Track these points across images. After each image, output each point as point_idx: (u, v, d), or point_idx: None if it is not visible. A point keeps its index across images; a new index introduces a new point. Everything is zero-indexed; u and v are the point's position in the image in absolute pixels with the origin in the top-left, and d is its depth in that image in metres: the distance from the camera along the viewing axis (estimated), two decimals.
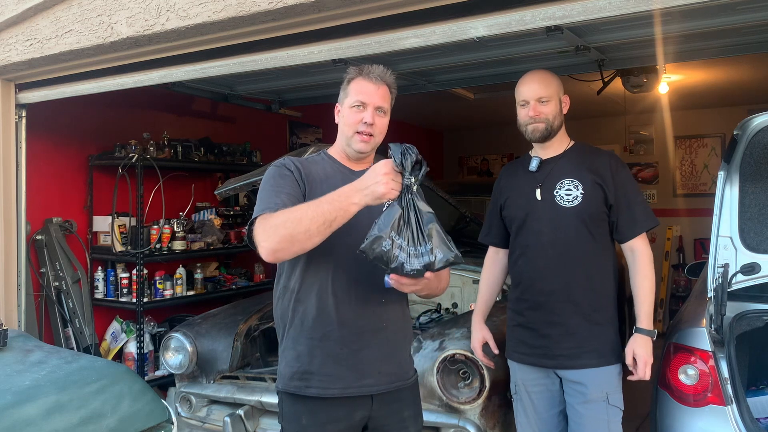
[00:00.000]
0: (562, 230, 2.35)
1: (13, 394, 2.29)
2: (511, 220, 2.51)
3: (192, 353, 3.29)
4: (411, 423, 2.04)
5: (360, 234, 1.77)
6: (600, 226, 2.37)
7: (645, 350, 2.28)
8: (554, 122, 2.39)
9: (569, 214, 2.34)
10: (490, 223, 2.66)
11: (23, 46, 3.47)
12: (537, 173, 2.44)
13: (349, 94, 2.00)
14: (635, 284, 2.36)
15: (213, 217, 5.10)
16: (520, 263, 2.47)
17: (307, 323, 1.91)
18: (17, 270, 3.92)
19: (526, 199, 2.44)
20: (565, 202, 2.35)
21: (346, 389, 1.90)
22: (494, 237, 2.64)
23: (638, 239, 2.37)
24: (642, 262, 2.35)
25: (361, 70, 2.01)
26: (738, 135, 2.53)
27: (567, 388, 2.39)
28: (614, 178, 2.36)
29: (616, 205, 2.35)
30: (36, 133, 4.07)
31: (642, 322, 2.31)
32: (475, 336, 2.62)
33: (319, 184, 1.92)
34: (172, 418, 2.62)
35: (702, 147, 7.77)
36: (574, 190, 2.35)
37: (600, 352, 2.33)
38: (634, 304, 2.36)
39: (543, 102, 2.36)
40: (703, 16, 2.83)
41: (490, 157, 9.35)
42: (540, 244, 2.39)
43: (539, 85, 2.38)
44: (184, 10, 2.87)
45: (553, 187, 2.38)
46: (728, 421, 2.23)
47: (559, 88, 2.43)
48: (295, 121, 6.29)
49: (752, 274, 2.56)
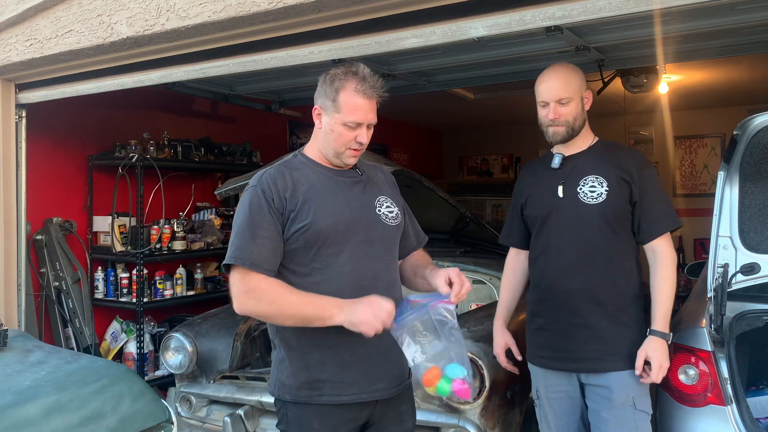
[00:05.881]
0: (585, 228, 2.27)
1: (13, 394, 2.28)
2: (532, 218, 2.42)
3: (192, 353, 3.29)
4: (408, 417, 2.05)
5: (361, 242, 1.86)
6: (624, 224, 2.28)
7: (659, 353, 2.18)
8: (575, 123, 2.29)
9: (593, 211, 2.25)
10: (510, 223, 2.56)
11: (23, 46, 3.47)
12: (559, 170, 2.34)
13: (342, 110, 1.87)
14: (654, 285, 2.26)
15: (213, 217, 5.11)
16: (540, 262, 2.38)
17: (314, 333, 1.86)
18: (17, 270, 3.92)
19: (548, 196, 2.35)
20: (588, 199, 2.26)
21: (359, 395, 1.89)
22: (515, 238, 2.55)
23: (661, 239, 2.28)
24: (663, 263, 2.26)
25: (354, 80, 1.87)
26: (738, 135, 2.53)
27: (590, 394, 2.29)
28: (640, 175, 2.27)
29: (640, 203, 2.26)
30: (36, 133, 4.07)
31: (657, 324, 2.22)
32: (497, 342, 2.54)
33: (306, 194, 1.88)
34: (172, 418, 2.62)
35: (702, 147, 7.77)
36: (599, 187, 2.26)
37: (626, 354, 2.22)
38: (652, 305, 2.26)
39: (563, 103, 2.26)
40: (703, 16, 2.84)
41: (490, 157, 9.35)
42: (562, 243, 2.31)
43: (559, 85, 2.27)
44: (184, 10, 2.87)
45: (576, 184, 2.29)
46: (728, 421, 2.23)
47: (581, 85, 2.31)
48: (295, 121, 6.29)
49: (752, 274, 2.56)
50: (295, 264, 1.88)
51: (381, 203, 2.00)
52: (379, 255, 1.95)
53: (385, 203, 2.01)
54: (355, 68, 1.90)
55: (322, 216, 1.86)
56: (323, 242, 1.86)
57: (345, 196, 1.94)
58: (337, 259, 1.88)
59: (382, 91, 1.90)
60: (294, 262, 1.88)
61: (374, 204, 1.98)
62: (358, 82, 1.87)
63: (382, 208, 1.99)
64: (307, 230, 1.85)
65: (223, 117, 5.59)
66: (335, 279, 1.86)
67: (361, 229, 1.91)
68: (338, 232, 1.87)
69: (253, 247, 1.81)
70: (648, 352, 2.18)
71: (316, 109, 1.95)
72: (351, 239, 1.89)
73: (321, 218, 1.86)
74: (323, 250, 1.87)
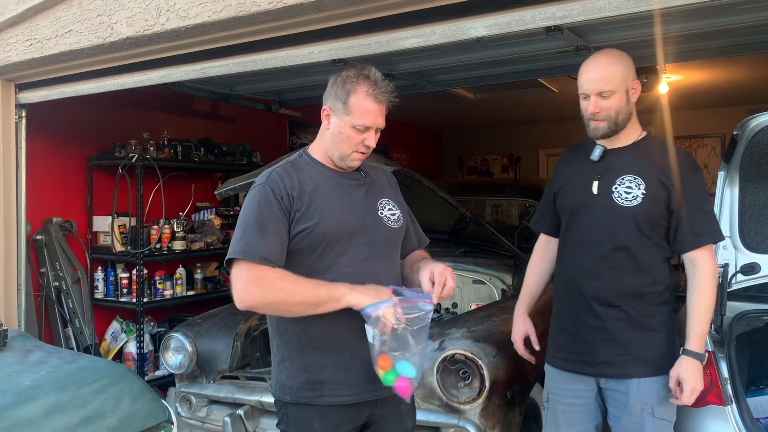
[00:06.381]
0: (615, 230, 2.13)
1: (13, 394, 2.28)
2: (562, 209, 2.29)
3: (192, 353, 3.29)
4: (408, 417, 2.05)
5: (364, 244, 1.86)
6: (657, 230, 2.13)
7: (692, 375, 2.04)
8: (618, 117, 2.12)
9: (625, 214, 2.11)
10: (543, 209, 2.43)
11: (23, 46, 3.47)
12: (598, 163, 2.19)
13: (352, 113, 1.86)
14: (691, 301, 2.10)
15: (213, 217, 5.11)
16: (565, 259, 2.27)
17: (314, 334, 1.88)
18: (17, 270, 3.92)
19: (581, 190, 2.21)
20: (623, 200, 2.12)
21: (359, 395, 1.89)
22: (546, 225, 2.42)
23: (701, 251, 2.11)
24: (703, 277, 2.10)
25: (366, 83, 1.87)
26: (738, 135, 2.54)
27: (608, 398, 2.20)
28: (683, 180, 2.10)
29: (679, 210, 2.10)
30: (36, 133, 4.07)
31: (692, 344, 2.07)
32: (517, 329, 2.43)
33: (311, 195, 1.88)
34: (172, 418, 2.62)
35: (702, 147, 7.77)
36: (635, 189, 2.11)
37: (648, 360, 2.12)
38: (687, 321, 2.11)
39: (605, 96, 2.08)
40: (703, 16, 2.84)
41: (490, 157, 9.36)
42: (588, 242, 2.18)
43: (602, 76, 2.09)
44: (184, 10, 2.87)
45: (612, 182, 2.15)
46: (728, 421, 2.23)
47: (626, 75, 2.12)
48: (295, 121, 6.30)
49: (752, 274, 2.56)
50: (297, 265, 1.87)
51: (383, 206, 2.00)
52: (381, 257, 1.95)
53: (387, 206, 2.01)
54: (367, 71, 1.90)
55: (328, 218, 1.87)
56: (327, 244, 1.87)
57: (349, 198, 1.94)
58: (340, 260, 1.88)
59: (392, 96, 1.90)
60: (296, 262, 1.87)
61: (377, 207, 1.99)
62: (370, 86, 1.87)
63: (384, 211, 2.00)
64: (312, 231, 1.85)
65: (223, 117, 5.59)
66: (337, 280, 1.85)
67: (365, 232, 1.92)
68: (342, 234, 1.88)
69: (262, 242, 1.80)
70: (680, 373, 2.06)
71: (325, 109, 1.94)
72: (354, 241, 1.89)
73: (326, 220, 1.86)
74: (327, 252, 1.87)
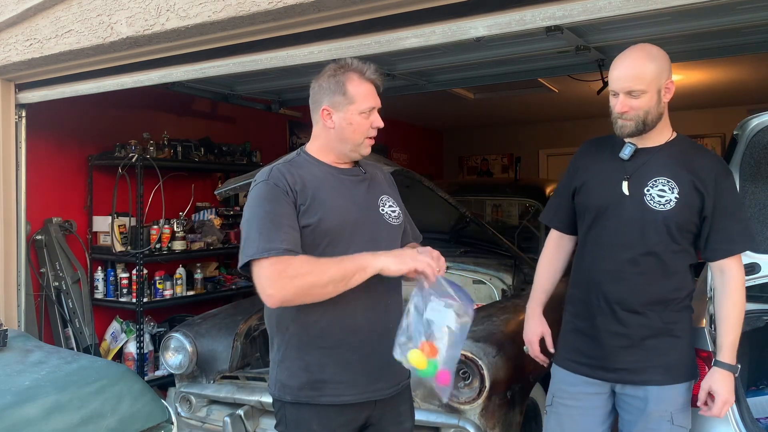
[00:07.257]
0: (645, 234, 2.04)
1: (13, 394, 2.28)
2: (584, 208, 2.18)
3: (192, 353, 3.29)
4: (407, 417, 2.05)
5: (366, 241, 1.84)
6: (686, 236, 2.06)
7: (724, 388, 1.99)
8: (647, 117, 2.02)
9: (657, 218, 2.02)
10: (558, 203, 2.31)
11: (23, 46, 3.47)
12: (628, 162, 2.09)
13: (356, 100, 1.89)
14: (721, 311, 2.06)
15: (213, 217, 5.11)
16: (587, 261, 2.17)
17: (315, 332, 1.86)
18: (17, 270, 3.93)
19: (609, 189, 2.10)
20: (655, 204, 2.03)
21: (360, 395, 1.89)
22: (560, 222, 2.31)
23: (731, 260, 2.06)
24: (733, 286, 2.06)
25: (353, 70, 1.92)
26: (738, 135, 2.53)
27: (623, 404, 2.12)
28: (716, 185, 2.02)
29: (711, 217, 2.03)
30: (36, 133, 4.07)
31: (724, 356, 2.02)
32: (533, 329, 2.31)
33: (314, 191, 1.87)
34: (172, 418, 2.62)
35: None
36: (668, 193, 2.03)
37: (667, 367, 2.05)
38: (718, 332, 2.07)
39: (634, 96, 1.99)
40: (703, 16, 2.84)
41: (490, 157, 9.36)
42: (615, 245, 2.09)
43: (632, 74, 1.99)
44: (184, 10, 2.87)
45: (644, 184, 2.06)
46: (728, 421, 2.22)
47: (660, 74, 2.01)
48: (295, 121, 6.30)
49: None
50: None
51: (384, 202, 2.01)
52: None
53: (387, 202, 2.02)
54: (345, 61, 1.96)
55: (332, 214, 1.86)
56: (331, 240, 1.86)
57: (351, 194, 1.95)
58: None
59: (378, 73, 1.97)
60: None
61: (378, 203, 1.99)
62: (358, 70, 1.93)
63: (385, 207, 2.00)
64: (316, 227, 1.84)
65: (223, 117, 5.59)
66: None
67: (367, 228, 1.92)
68: (346, 230, 1.88)
69: (282, 235, 1.77)
70: (712, 385, 2.01)
71: (325, 109, 1.93)
72: (356, 238, 1.89)
73: (330, 216, 1.86)
74: (330, 248, 1.86)
